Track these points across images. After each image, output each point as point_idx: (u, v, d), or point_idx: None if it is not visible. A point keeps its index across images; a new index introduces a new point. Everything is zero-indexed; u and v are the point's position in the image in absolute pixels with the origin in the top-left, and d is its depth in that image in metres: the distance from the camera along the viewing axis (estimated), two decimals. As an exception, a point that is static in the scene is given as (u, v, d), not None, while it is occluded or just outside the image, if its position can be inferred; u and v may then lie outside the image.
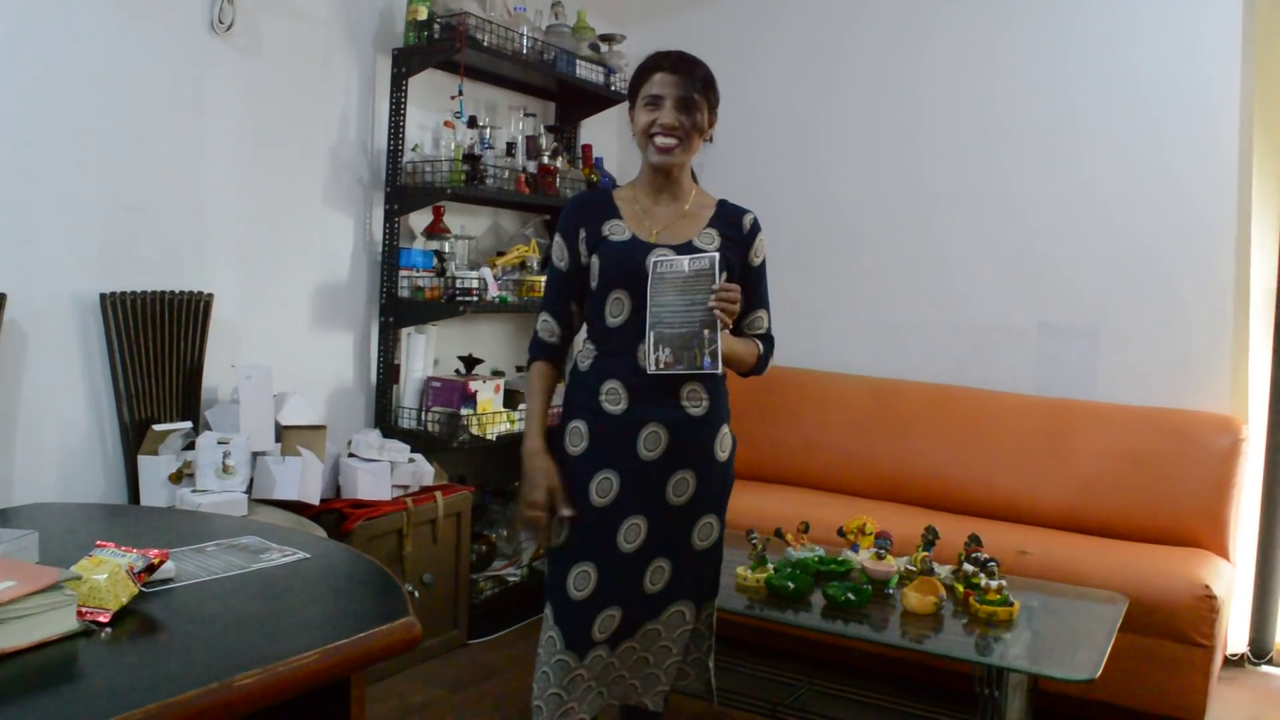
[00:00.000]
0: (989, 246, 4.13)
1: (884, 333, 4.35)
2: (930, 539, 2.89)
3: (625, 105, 4.50)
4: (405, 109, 3.75)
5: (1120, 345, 3.89)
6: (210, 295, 3.24)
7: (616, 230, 2.28)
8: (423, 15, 3.68)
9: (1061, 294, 4.00)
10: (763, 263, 2.37)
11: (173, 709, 1.06)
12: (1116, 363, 3.90)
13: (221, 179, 3.32)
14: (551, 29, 4.16)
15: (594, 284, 2.28)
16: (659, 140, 2.23)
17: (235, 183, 3.36)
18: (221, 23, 3.25)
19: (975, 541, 2.84)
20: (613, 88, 4.39)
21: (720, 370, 2.14)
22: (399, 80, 3.74)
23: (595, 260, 2.27)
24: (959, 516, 3.69)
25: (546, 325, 2.37)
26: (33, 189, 2.84)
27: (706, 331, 2.10)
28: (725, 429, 2.33)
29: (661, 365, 2.12)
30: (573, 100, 4.51)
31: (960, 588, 2.71)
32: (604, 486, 2.23)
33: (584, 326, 2.39)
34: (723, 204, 2.38)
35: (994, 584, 2.65)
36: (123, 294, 3.02)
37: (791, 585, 2.70)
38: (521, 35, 3.93)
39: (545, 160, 4.10)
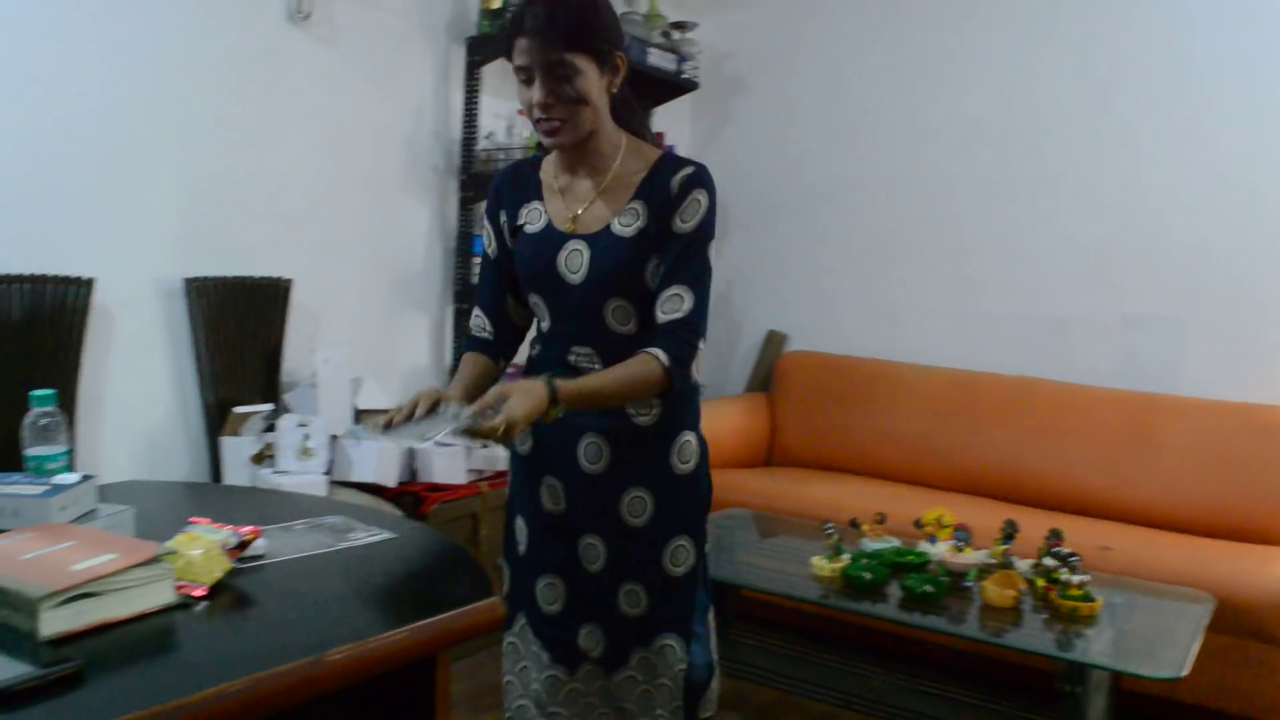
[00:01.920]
0: (1071, 237, 4.04)
1: (962, 323, 4.29)
2: (1010, 532, 2.83)
3: (696, 93, 4.37)
4: (479, 97, 3.77)
5: (1206, 338, 3.79)
6: (290, 280, 3.28)
7: (533, 217, 1.92)
8: (496, 4, 3.70)
9: (1145, 285, 3.90)
10: (696, 229, 1.84)
11: (266, 682, 1.08)
12: (1202, 356, 3.80)
13: (300, 166, 3.36)
14: (624, 16, 4.16)
15: (524, 267, 1.92)
16: (540, 125, 1.81)
17: (313, 170, 3.40)
18: (300, 13, 3.29)
19: (1056, 536, 2.78)
20: (684, 75, 4.38)
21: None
22: (473, 68, 3.76)
23: (516, 252, 1.93)
24: (1037, 511, 3.62)
25: (478, 320, 2.02)
26: (120, 177, 2.90)
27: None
28: (687, 437, 1.95)
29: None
30: (645, 88, 4.49)
31: (1041, 582, 2.66)
32: (552, 493, 1.95)
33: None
34: (663, 161, 1.89)
35: (1076, 579, 2.59)
36: (206, 279, 3.08)
37: (868, 576, 2.67)
38: (596, 23, 3.92)
39: (619, 148, 4.09)
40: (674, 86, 4.43)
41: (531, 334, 2.03)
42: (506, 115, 3.93)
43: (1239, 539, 3.42)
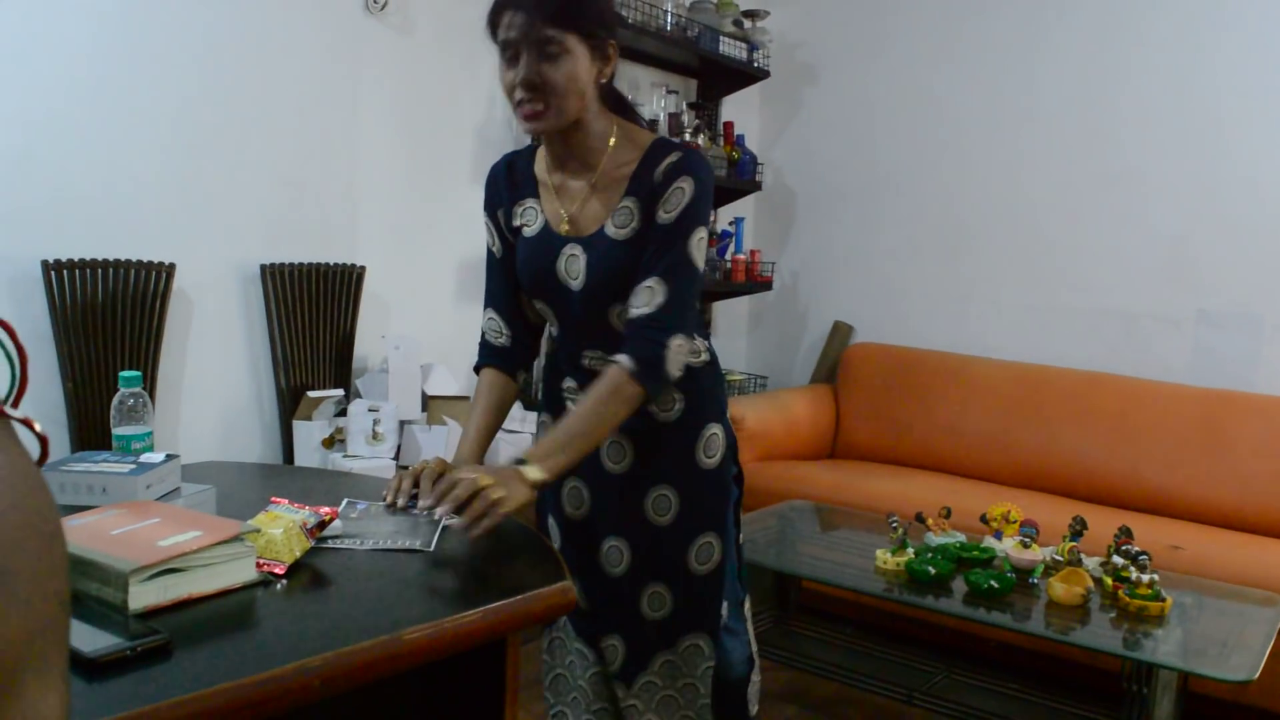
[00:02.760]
0: (1144, 230, 3.97)
1: (1032, 317, 4.23)
2: (1078, 529, 2.80)
3: (766, 82, 4.36)
4: (551, 87, 3.79)
5: (1285, 335, 3.70)
6: (363, 268, 3.34)
7: (530, 218, 1.81)
8: (570, -7, 3.71)
9: (1221, 281, 3.82)
10: (677, 219, 1.71)
11: (345, 658, 1.11)
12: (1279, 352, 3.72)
13: (374, 155, 3.41)
14: (695, 5, 4.16)
15: (527, 265, 1.83)
16: (522, 107, 1.67)
17: (387, 159, 3.45)
18: (376, 3, 3.33)
19: (1126, 534, 2.75)
20: (756, 64, 4.37)
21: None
22: (545, 58, 3.78)
23: (516, 256, 1.84)
24: (1106, 508, 3.58)
25: (493, 324, 1.91)
26: (200, 165, 2.97)
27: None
28: (713, 429, 1.88)
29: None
30: (715, 77, 4.50)
31: (1109, 580, 2.63)
32: (574, 496, 1.91)
33: None
34: (653, 149, 1.76)
35: (1145, 578, 2.56)
36: (281, 265, 3.14)
37: (932, 570, 2.66)
38: (665, 12, 3.93)
39: (687, 138, 4.10)
40: (745, 75, 4.43)
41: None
42: (576, 105, 3.95)
43: (1315, 541, 3.35)
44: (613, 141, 1.77)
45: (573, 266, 1.77)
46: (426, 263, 3.63)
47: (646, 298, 1.70)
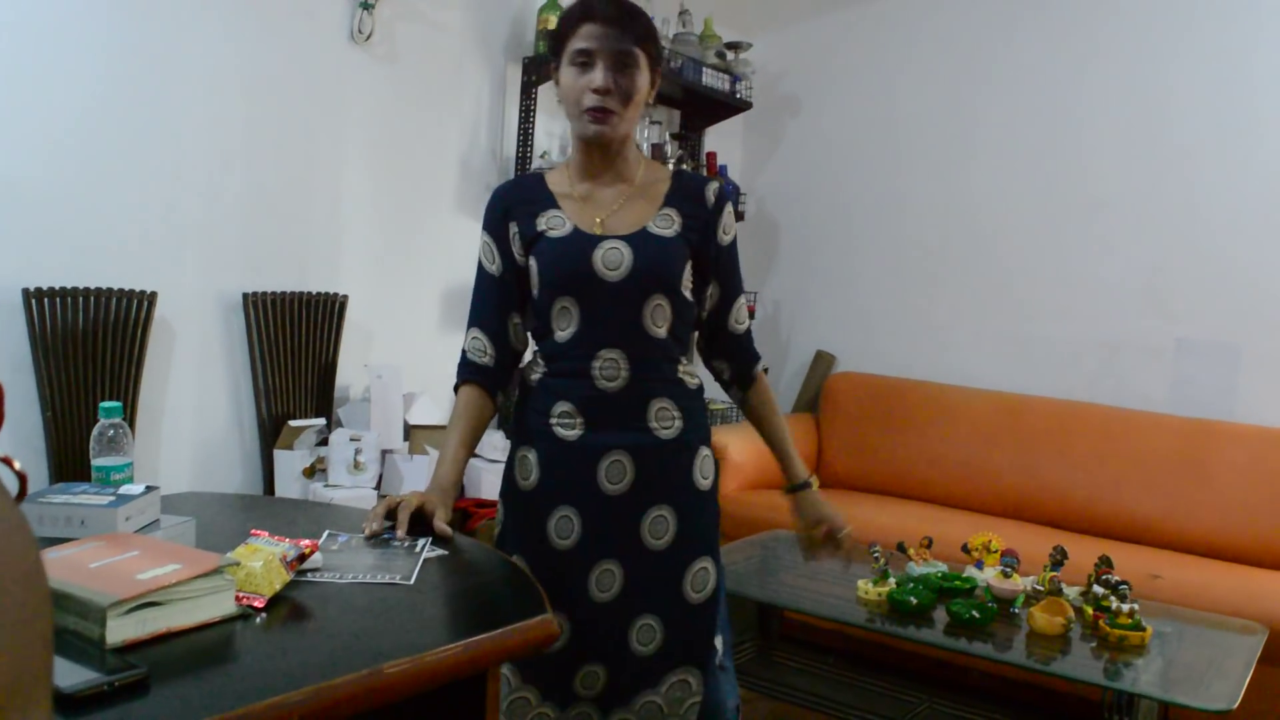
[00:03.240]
0: (1123, 259, 4.01)
1: (1012, 346, 4.26)
2: (1059, 559, 2.81)
3: (748, 113, 4.44)
4: (534, 116, 3.81)
5: (1263, 364, 3.74)
6: (345, 296, 3.34)
7: (555, 224, 1.86)
8: (553, 24, 3.73)
9: (1201, 310, 3.86)
10: (734, 241, 1.95)
11: (325, 693, 1.10)
12: (1259, 382, 3.75)
13: (358, 184, 3.42)
14: (679, 37, 4.19)
15: (535, 291, 1.87)
16: (593, 109, 1.78)
17: (371, 188, 3.46)
18: (361, 32, 3.35)
19: (1106, 563, 2.76)
20: (738, 95, 4.40)
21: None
22: (529, 88, 3.81)
23: (532, 262, 1.86)
24: (1087, 537, 3.60)
25: (477, 343, 1.93)
26: (183, 192, 2.98)
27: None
28: (705, 451, 1.92)
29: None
30: (698, 107, 4.53)
31: (1090, 610, 2.64)
32: (563, 526, 1.84)
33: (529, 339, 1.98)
34: (679, 175, 1.94)
35: (1126, 607, 2.57)
36: (263, 294, 3.14)
37: (914, 600, 2.66)
38: (650, 44, 3.95)
39: (670, 168, 4.12)
40: (728, 106, 4.46)
41: (527, 357, 1.98)
42: (560, 134, 3.97)
43: (1294, 570, 3.37)
44: (643, 163, 1.93)
45: (612, 258, 1.81)
46: (409, 292, 3.63)
47: (744, 314, 2.00)
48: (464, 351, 1.95)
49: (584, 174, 1.90)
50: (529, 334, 1.96)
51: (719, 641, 1.93)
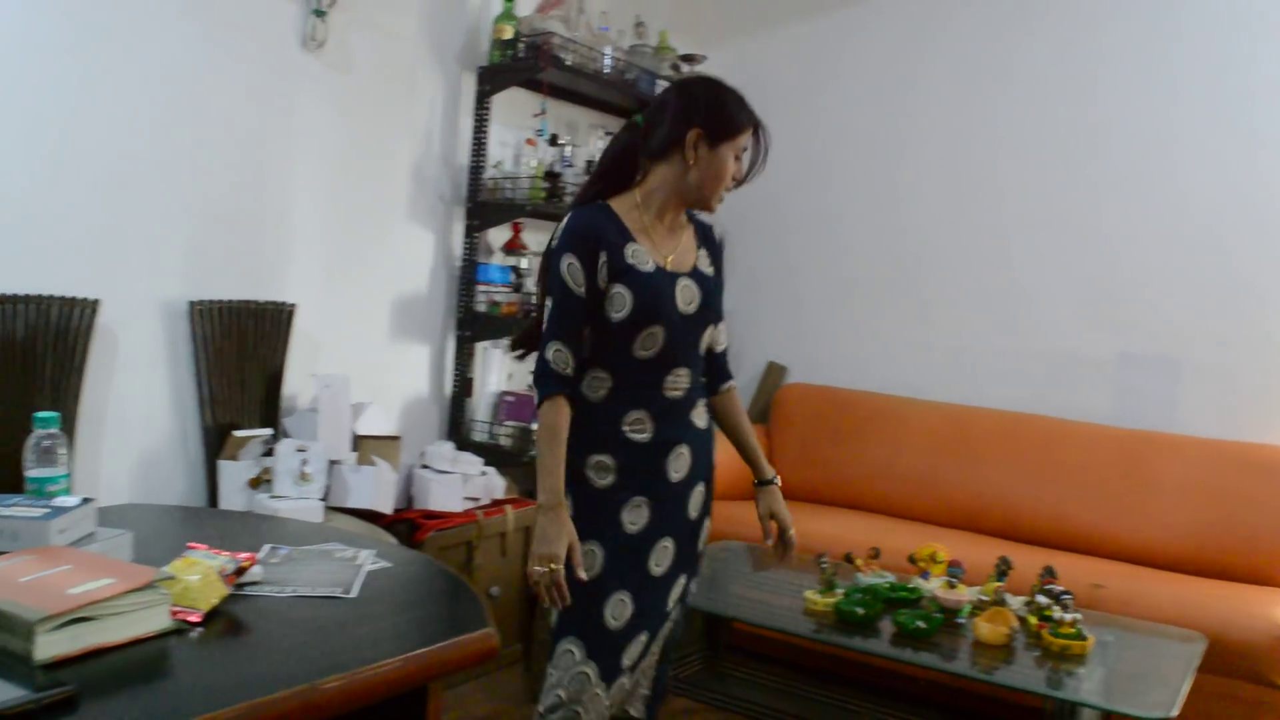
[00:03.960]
0: (1068, 273, 4.07)
1: (958, 359, 4.31)
2: (1004, 569, 2.84)
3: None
4: (488, 126, 3.80)
5: (1204, 377, 3.80)
6: (293, 305, 3.31)
7: (640, 258, 2.10)
8: (508, 34, 3.74)
9: (1143, 323, 3.92)
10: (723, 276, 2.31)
11: (261, 709, 1.09)
12: (1198, 394, 3.81)
13: (308, 192, 3.39)
14: (634, 49, 4.20)
15: (620, 314, 2.07)
16: (726, 193, 2.20)
17: (321, 196, 3.43)
18: (314, 40, 3.33)
19: (1050, 573, 2.79)
20: (691, 108, 4.41)
21: None
22: (483, 98, 3.80)
23: (623, 290, 2.07)
24: (1031, 547, 3.63)
25: (561, 356, 2.07)
26: (127, 199, 2.93)
27: None
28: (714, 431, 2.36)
29: None
30: (651, 120, 4.54)
31: (1033, 620, 2.67)
32: (637, 515, 2.11)
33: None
34: (692, 218, 2.28)
35: (1069, 617, 2.60)
36: (210, 302, 3.10)
37: (861, 611, 2.68)
38: (604, 55, 3.97)
39: (622, 179, 4.13)
40: (679, 119, 4.46)
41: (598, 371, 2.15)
42: (514, 144, 3.97)
43: (1233, 578, 3.43)
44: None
45: (687, 294, 2.14)
46: (359, 300, 3.60)
47: (724, 336, 2.32)
48: (547, 363, 2.08)
49: (651, 214, 2.16)
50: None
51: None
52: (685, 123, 2.10)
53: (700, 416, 2.23)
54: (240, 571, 1.37)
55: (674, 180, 2.13)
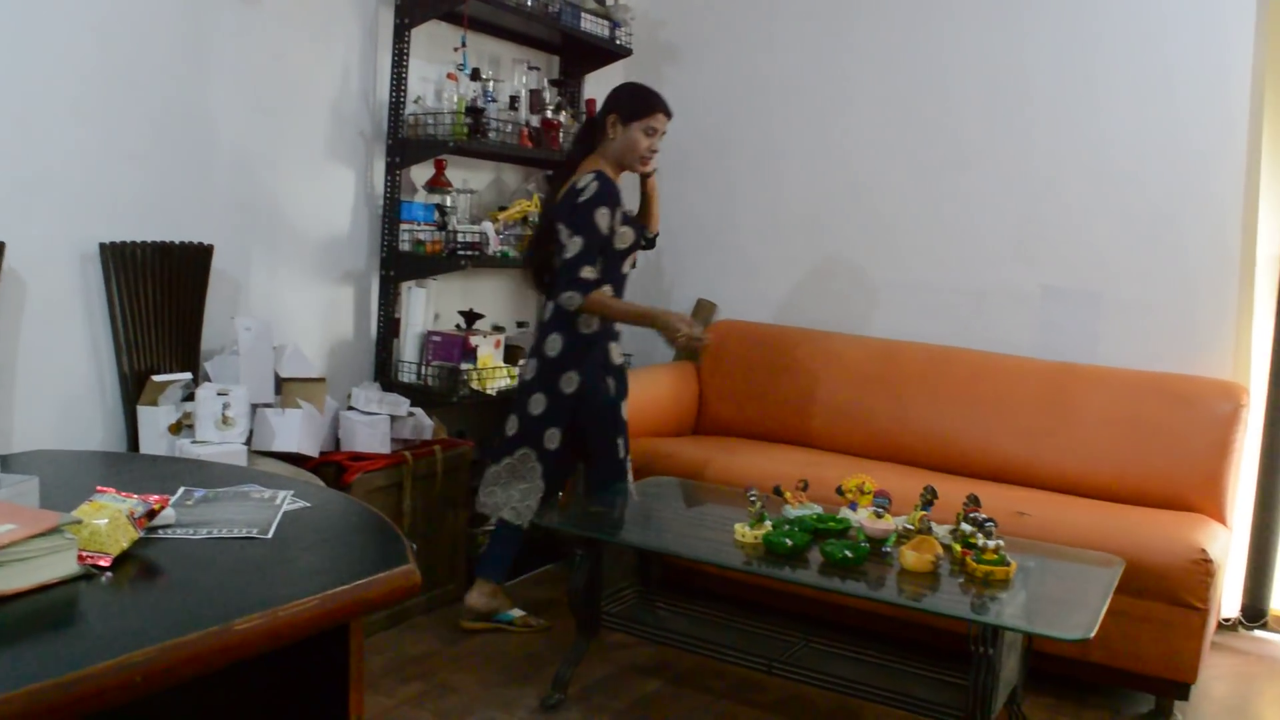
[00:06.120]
0: (994, 209, 4.11)
1: (885, 293, 4.34)
2: (929, 499, 2.89)
3: (628, 60, 4.88)
4: (407, 61, 3.71)
5: (1124, 310, 3.88)
6: (210, 246, 3.22)
7: (629, 211, 3.30)
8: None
9: (1066, 258, 3.98)
10: None
11: (171, 651, 1.07)
12: (1119, 327, 3.89)
13: (223, 130, 3.29)
14: (558, -19, 4.11)
15: (624, 245, 3.28)
16: (647, 161, 3.33)
17: (237, 134, 3.33)
18: (223, -30, 3.20)
19: (974, 502, 2.84)
20: (618, 41, 4.35)
21: None
22: (401, 31, 3.70)
23: (627, 229, 3.28)
24: (958, 478, 3.70)
25: (592, 273, 3.17)
26: (32, 137, 2.82)
27: None
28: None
29: None
30: (577, 54, 4.47)
31: (958, 547, 2.71)
32: (613, 381, 3.36)
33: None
34: None
35: (991, 544, 2.65)
36: (123, 244, 3.01)
37: (789, 543, 2.71)
38: (526, -14, 3.88)
39: (549, 115, 4.07)
40: (607, 53, 4.41)
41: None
42: (435, 80, 3.88)
43: (1151, 505, 3.52)
44: None
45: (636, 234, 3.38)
46: (279, 240, 3.51)
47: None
48: (585, 278, 3.16)
49: (616, 175, 3.31)
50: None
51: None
52: (608, 110, 3.30)
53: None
54: (151, 514, 1.34)
55: (609, 151, 3.30)
